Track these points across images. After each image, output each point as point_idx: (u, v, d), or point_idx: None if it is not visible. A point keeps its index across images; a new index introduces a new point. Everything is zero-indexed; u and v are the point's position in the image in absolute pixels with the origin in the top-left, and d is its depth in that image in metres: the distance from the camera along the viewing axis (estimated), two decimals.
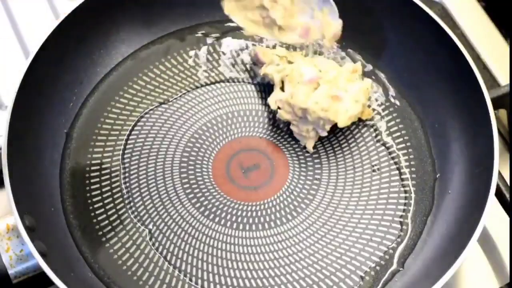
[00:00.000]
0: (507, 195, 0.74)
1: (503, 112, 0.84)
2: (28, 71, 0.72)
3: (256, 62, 0.82)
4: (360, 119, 0.79)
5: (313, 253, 0.72)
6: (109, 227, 0.72)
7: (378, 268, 0.71)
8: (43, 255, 0.63)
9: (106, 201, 0.74)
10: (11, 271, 0.67)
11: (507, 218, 0.75)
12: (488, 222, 0.71)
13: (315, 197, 0.75)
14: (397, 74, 0.82)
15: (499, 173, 0.72)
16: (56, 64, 0.76)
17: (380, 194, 0.76)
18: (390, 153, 0.78)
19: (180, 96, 0.81)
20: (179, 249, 0.72)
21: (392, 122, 0.80)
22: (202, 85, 0.82)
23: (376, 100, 0.81)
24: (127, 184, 0.75)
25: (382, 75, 0.83)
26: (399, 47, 0.82)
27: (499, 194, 0.73)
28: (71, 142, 0.77)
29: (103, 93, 0.80)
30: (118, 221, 0.73)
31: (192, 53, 0.83)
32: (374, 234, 0.73)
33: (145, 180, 0.75)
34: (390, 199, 0.75)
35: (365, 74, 0.83)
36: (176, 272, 0.70)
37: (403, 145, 0.79)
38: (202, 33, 0.84)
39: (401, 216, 0.74)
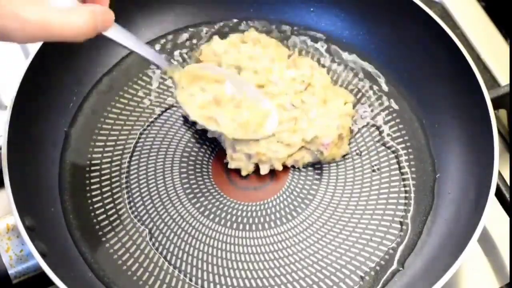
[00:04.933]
0: (507, 195, 0.74)
1: (503, 112, 0.84)
2: (28, 71, 0.72)
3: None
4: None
5: (313, 253, 0.72)
6: (109, 227, 0.72)
7: (378, 268, 0.71)
8: (43, 255, 0.63)
9: (106, 201, 0.74)
10: (11, 271, 0.67)
11: (507, 218, 0.75)
12: (488, 222, 0.71)
13: (315, 197, 0.75)
14: (397, 74, 0.82)
15: (499, 173, 0.72)
16: (56, 64, 0.76)
17: (380, 194, 0.75)
18: (390, 153, 0.78)
19: None
20: (179, 249, 0.72)
21: (392, 122, 0.80)
22: None
23: (376, 100, 0.81)
24: (127, 184, 0.75)
25: (381, 75, 0.83)
26: (399, 47, 0.82)
27: (499, 194, 0.73)
28: (71, 142, 0.77)
29: (103, 93, 0.80)
30: (118, 221, 0.73)
31: (192, 53, 0.83)
32: (374, 234, 0.73)
33: (145, 180, 0.75)
34: (390, 199, 0.75)
35: (365, 75, 0.83)
36: (176, 272, 0.70)
37: (403, 145, 0.78)
38: (203, 32, 0.84)
39: (401, 216, 0.74)
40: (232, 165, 0.75)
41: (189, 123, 0.79)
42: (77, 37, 0.56)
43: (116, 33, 0.62)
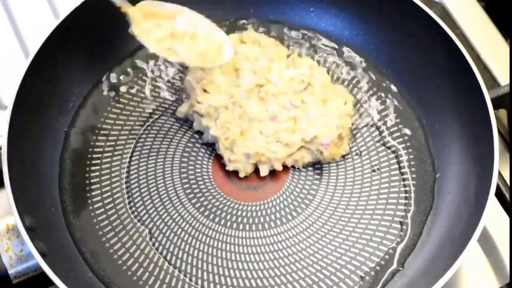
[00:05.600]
0: (507, 195, 0.74)
1: (503, 112, 0.84)
2: (28, 71, 0.72)
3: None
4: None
5: (313, 253, 0.72)
6: (109, 227, 0.72)
7: (378, 268, 0.71)
8: (43, 255, 0.63)
9: (106, 201, 0.74)
10: (11, 271, 0.67)
11: (507, 218, 0.75)
12: (488, 222, 0.71)
13: (315, 197, 0.75)
14: (397, 74, 0.82)
15: (499, 173, 0.72)
16: (56, 64, 0.76)
17: (380, 194, 0.75)
18: (390, 153, 0.78)
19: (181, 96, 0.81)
20: (179, 249, 0.72)
21: (392, 122, 0.80)
22: None
23: (376, 100, 0.81)
24: (127, 184, 0.75)
25: (382, 75, 0.83)
26: (399, 47, 0.82)
27: (499, 194, 0.73)
28: (70, 142, 0.76)
29: (103, 93, 0.80)
30: (118, 221, 0.73)
31: None
32: (374, 234, 0.73)
33: (145, 180, 0.75)
34: (390, 199, 0.75)
35: (364, 75, 0.83)
36: (176, 272, 0.70)
37: (403, 145, 0.78)
38: None
39: (401, 216, 0.74)
40: (230, 167, 0.75)
41: (189, 123, 0.79)
42: None
43: None
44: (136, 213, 0.73)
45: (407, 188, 0.76)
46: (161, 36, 0.74)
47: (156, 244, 0.72)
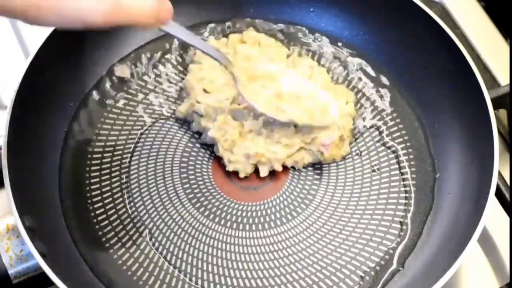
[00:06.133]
0: (507, 195, 0.74)
1: (503, 112, 0.84)
2: (28, 71, 0.72)
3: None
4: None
5: (313, 253, 0.72)
6: (109, 227, 0.72)
7: (378, 268, 0.71)
8: (43, 255, 0.63)
9: (106, 201, 0.74)
10: (11, 271, 0.67)
11: (507, 218, 0.75)
12: (488, 222, 0.71)
13: (315, 197, 0.75)
14: (397, 74, 0.82)
15: (499, 173, 0.72)
16: (56, 64, 0.76)
17: (380, 194, 0.75)
18: (390, 153, 0.78)
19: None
20: (179, 249, 0.72)
21: (392, 122, 0.80)
22: None
23: (376, 100, 0.81)
24: (127, 184, 0.75)
25: (382, 75, 0.83)
26: (399, 47, 0.82)
27: (499, 194, 0.73)
28: (70, 142, 0.76)
29: (103, 93, 0.80)
30: (118, 221, 0.73)
31: (192, 52, 0.83)
32: (374, 234, 0.73)
33: (145, 180, 0.75)
34: (390, 199, 0.75)
35: (364, 75, 0.83)
36: (176, 272, 0.70)
37: (403, 145, 0.78)
38: (203, 32, 0.85)
39: (401, 216, 0.74)
40: (230, 167, 0.75)
41: (188, 123, 0.79)
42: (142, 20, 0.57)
43: (176, 28, 0.63)
44: (136, 213, 0.73)
45: (407, 188, 0.76)
46: (268, 97, 0.73)
47: (156, 244, 0.72)
